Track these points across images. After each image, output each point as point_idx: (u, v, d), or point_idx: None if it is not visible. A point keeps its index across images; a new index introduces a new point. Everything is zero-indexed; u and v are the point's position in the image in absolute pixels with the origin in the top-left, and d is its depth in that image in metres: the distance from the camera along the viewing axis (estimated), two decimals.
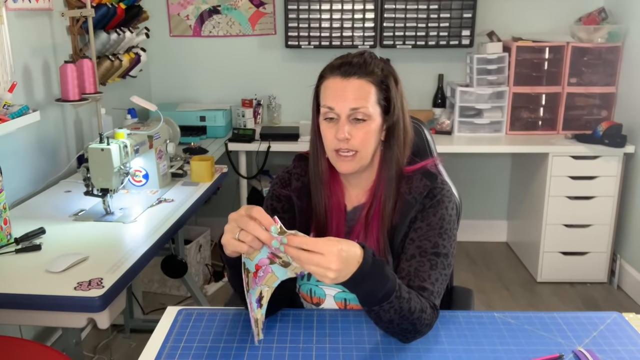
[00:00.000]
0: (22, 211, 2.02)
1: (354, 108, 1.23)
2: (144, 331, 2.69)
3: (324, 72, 1.30)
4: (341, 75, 1.25)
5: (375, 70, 1.26)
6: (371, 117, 1.25)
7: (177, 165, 2.49)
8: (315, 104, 1.32)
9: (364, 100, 1.24)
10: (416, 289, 1.19)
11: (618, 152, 3.03)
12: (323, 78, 1.29)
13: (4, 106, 2.00)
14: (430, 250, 1.24)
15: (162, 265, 2.31)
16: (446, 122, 3.34)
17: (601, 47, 3.22)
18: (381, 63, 1.29)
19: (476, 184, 3.71)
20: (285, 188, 1.40)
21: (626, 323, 1.25)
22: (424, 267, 1.22)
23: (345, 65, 1.26)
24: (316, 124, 1.32)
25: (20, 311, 1.47)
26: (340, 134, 1.24)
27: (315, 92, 1.32)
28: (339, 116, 1.25)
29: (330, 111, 1.25)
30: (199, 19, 3.54)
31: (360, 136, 1.25)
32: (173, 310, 1.31)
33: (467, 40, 3.34)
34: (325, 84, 1.28)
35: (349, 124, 1.24)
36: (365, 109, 1.24)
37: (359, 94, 1.24)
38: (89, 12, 2.40)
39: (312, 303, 1.36)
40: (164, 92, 3.65)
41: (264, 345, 1.17)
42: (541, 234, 3.19)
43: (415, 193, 1.30)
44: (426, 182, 1.31)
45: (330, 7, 3.31)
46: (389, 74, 1.29)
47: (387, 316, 1.11)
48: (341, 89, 1.24)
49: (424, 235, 1.26)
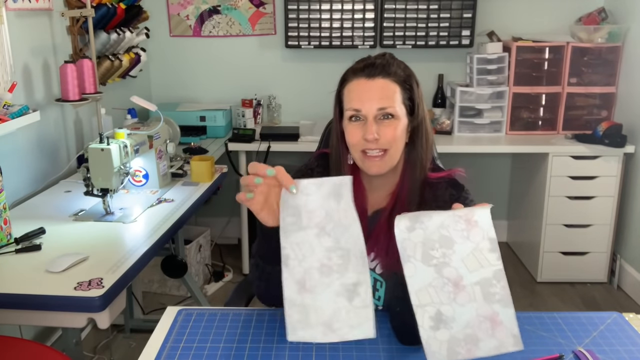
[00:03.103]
0: (22, 211, 2.02)
1: (381, 108, 1.22)
2: (144, 331, 2.69)
3: (346, 75, 1.28)
4: (365, 76, 1.24)
5: (398, 71, 1.26)
6: (398, 115, 1.24)
7: (177, 165, 2.49)
8: (337, 109, 1.30)
9: (390, 100, 1.23)
10: None
11: (618, 152, 3.03)
12: (346, 81, 1.28)
13: (4, 106, 2.00)
14: None
15: (162, 265, 2.31)
16: (446, 122, 3.34)
17: (601, 47, 3.21)
18: (402, 64, 1.29)
19: (476, 184, 3.69)
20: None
21: (626, 323, 1.25)
22: None
23: (369, 67, 1.25)
24: (338, 129, 1.30)
25: (20, 311, 1.48)
26: (369, 135, 1.22)
27: (338, 97, 1.30)
28: (365, 117, 1.23)
29: (357, 113, 1.24)
30: (199, 19, 3.54)
31: (389, 134, 1.23)
32: (173, 310, 1.31)
33: (467, 40, 3.34)
34: (348, 87, 1.27)
35: (377, 124, 1.23)
36: (392, 108, 1.23)
37: (385, 94, 1.23)
38: (89, 12, 2.40)
39: None
40: (164, 92, 3.65)
41: (263, 345, 1.17)
42: (541, 234, 3.18)
43: (441, 202, 1.28)
44: (452, 192, 1.30)
45: (330, 7, 3.31)
46: (411, 75, 1.30)
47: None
48: (367, 90, 1.24)
49: None
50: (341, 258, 1.05)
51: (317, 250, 1.06)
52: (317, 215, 1.06)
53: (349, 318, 1.05)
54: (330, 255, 1.06)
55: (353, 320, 1.05)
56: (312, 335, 1.06)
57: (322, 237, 1.06)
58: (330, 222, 1.06)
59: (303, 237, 1.06)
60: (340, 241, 1.05)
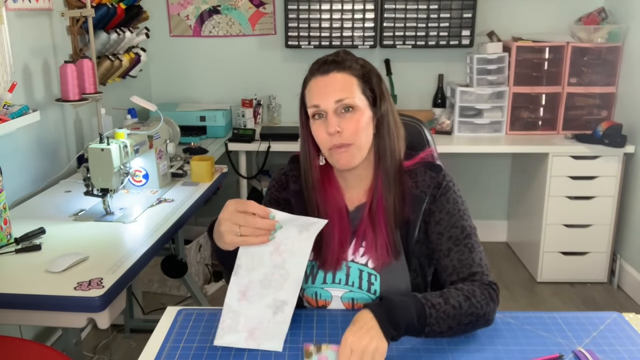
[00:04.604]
0: (22, 211, 2.02)
1: (339, 100, 1.24)
2: (144, 331, 2.69)
3: (306, 78, 1.32)
4: (321, 73, 1.27)
5: (353, 64, 1.28)
6: (358, 107, 1.26)
7: (177, 165, 2.49)
8: (302, 112, 1.33)
9: (348, 91, 1.25)
10: (467, 277, 1.22)
11: (618, 152, 3.03)
12: (305, 84, 1.31)
13: (4, 106, 2.00)
14: (461, 236, 1.27)
15: (162, 265, 2.31)
16: (446, 122, 3.34)
17: (601, 47, 3.21)
18: (360, 59, 1.31)
19: (476, 184, 3.71)
20: (283, 191, 1.39)
21: (626, 323, 1.25)
22: (464, 255, 1.25)
23: (323, 64, 1.28)
24: (305, 131, 1.33)
25: (20, 311, 1.47)
26: (330, 128, 1.24)
27: (301, 100, 1.32)
28: (326, 112, 1.25)
29: (317, 109, 1.26)
30: (199, 19, 3.54)
31: (351, 126, 1.25)
32: (173, 311, 1.31)
33: (467, 40, 3.34)
34: (308, 87, 1.30)
35: (337, 117, 1.25)
36: (350, 99, 1.25)
37: (342, 86, 1.25)
38: (89, 12, 2.40)
39: (317, 306, 1.35)
40: (164, 92, 3.65)
41: None
42: (541, 234, 3.18)
43: (423, 186, 1.31)
44: (431, 174, 1.32)
45: (330, 7, 3.31)
46: (370, 68, 1.31)
47: (443, 326, 1.12)
48: (323, 85, 1.26)
49: (448, 224, 1.28)
50: (282, 277, 1.16)
51: (266, 264, 1.16)
52: (279, 236, 1.14)
53: (267, 329, 1.16)
54: (274, 272, 1.16)
55: (270, 332, 1.16)
56: (237, 340, 1.16)
57: (275, 254, 1.16)
58: (286, 245, 1.15)
59: (260, 250, 1.15)
60: (286, 263, 1.16)
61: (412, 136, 1.56)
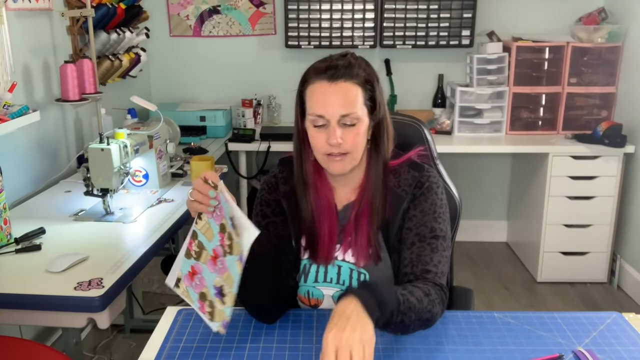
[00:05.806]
0: (22, 211, 2.02)
1: (345, 114, 1.22)
2: (144, 331, 2.69)
3: (308, 76, 1.27)
4: (328, 79, 1.23)
5: (359, 72, 1.25)
6: (360, 119, 1.25)
7: (177, 165, 2.49)
8: (299, 109, 1.30)
9: (353, 105, 1.23)
10: (420, 273, 1.22)
11: (618, 152, 3.03)
12: (307, 82, 1.26)
13: (4, 106, 2.00)
14: (428, 235, 1.27)
15: (162, 265, 2.31)
16: (446, 122, 3.34)
17: (601, 47, 3.21)
18: (363, 63, 1.28)
19: (476, 184, 3.71)
20: (274, 193, 1.39)
21: (626, 323, 1.25)
22: (425, 251, 1.25)
23: (331, 69, 1.23)
24: (300, 128, 1.31)
25: (20, 311, 1.48)
26: (332, 140, 1.22)
27: (300, 97, 1.29)
28: (329, 122, 1.23)
29: (320, 118, 1.23)
30: (199, 19, 3.54)
31: (351, 139, 1.24)
32: (173, 310, 1.31)
33: (467, 40, 3.34)
34: (311, 88, 1.25)
35: (340, 128, 1.23)
36: (355, 114, 1.23)
37: (348, 99, 1.22)
38: (89, 12, 2.40)
39: (309, 305, 1.35)
40: (164, 92, 3.65)
41: (263, 345, 1.17)
42: (541, 234, 3.19)
43: (405, 185, 1.31)
44: (414, 174, 1.32)
45: (330, 7, 3.31)
46: (372, 73, 1.28)
47: (411, 317, 1.12)
48: (330, 94, 1.22)
49: (419, 222, 1.28)
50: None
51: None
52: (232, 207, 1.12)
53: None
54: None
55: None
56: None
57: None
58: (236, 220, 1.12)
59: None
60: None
61: (412, 136, 1.56)
